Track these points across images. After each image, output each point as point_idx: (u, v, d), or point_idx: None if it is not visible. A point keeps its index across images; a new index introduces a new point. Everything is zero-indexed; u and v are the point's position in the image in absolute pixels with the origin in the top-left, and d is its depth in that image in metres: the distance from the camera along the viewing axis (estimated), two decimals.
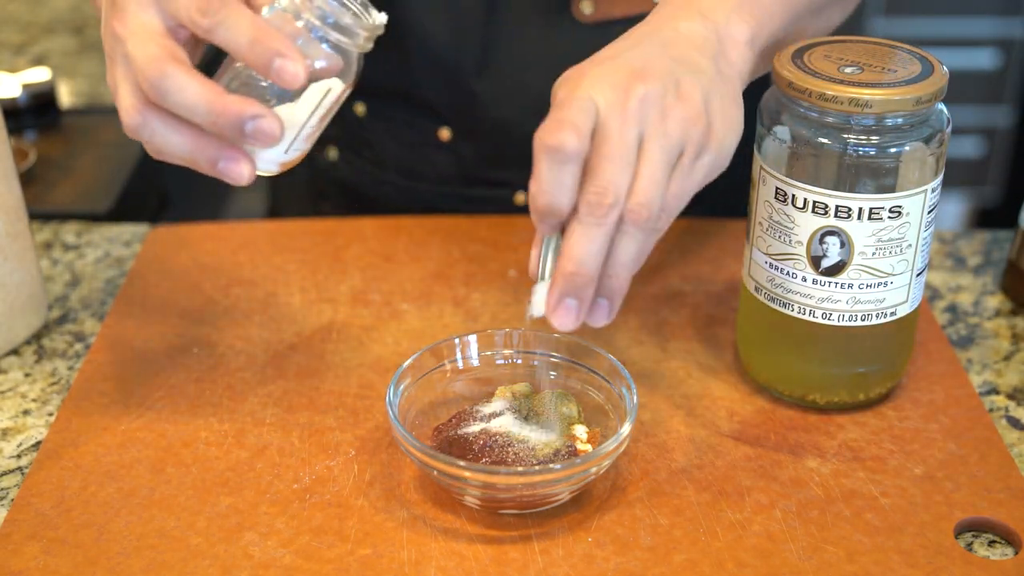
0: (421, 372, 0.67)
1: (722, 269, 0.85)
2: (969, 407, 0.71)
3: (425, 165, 0.95)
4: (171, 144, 0.60)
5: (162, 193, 1.24)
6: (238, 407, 0.71)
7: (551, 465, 0.60)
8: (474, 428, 0.64)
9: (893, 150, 0.62)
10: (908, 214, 0.64)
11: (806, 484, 0.65)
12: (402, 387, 0.66)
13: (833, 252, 0.65)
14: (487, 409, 0.66)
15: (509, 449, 0.63)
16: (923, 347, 0.76)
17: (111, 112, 1.23)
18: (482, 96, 0.89)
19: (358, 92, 0.96)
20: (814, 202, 0.64)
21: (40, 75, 1.25)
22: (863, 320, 0.66)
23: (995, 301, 0.83)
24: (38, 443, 0.69)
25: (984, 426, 0.69)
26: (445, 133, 0.93)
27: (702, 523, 0.62)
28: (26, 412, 0.72)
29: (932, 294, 0.84)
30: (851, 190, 0.63)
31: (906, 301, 0.67)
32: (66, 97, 1.33)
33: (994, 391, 0.74)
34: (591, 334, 0.78)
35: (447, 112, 0.92)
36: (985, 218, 2.52)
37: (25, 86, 1.23)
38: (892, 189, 0.63)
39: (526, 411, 0.66)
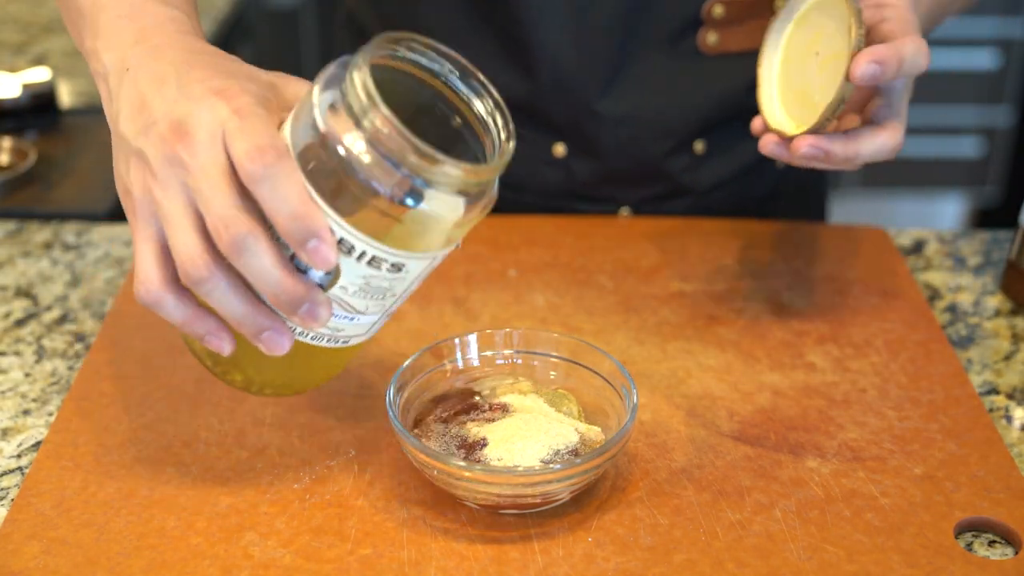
0: (421, 372, 0.67)
1: (722, 269, 0.85)
2: (969, 407, 0.71)
3: (534, 179, 0.95)
4: (228, 304, 0.55)
5: None
6: (238, 407, 0.71)
7: (551, 465, 0.60)
8: (474, 428, 0.64)
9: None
10: (409, 272, 0.58)
11: (806, 484, 0.65)
12: (402, 387, 0.66)
13: (316, 273, 0.56)
14: (487, 408, 0.66)
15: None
16: (923, 347, 0.76)
17: None
18: (604, 116, 0.90)
19: None
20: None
21: (40, 75, 1.25)
22: (314, 340, 0.59)
23: (995, 301, 0.83)
24: (38, 443, 0.69)
25: (984, 426, 0.69)
26: (560, 149, 0.93)
27: (702, 523, 0.62)
28: (26, 412, 0.72)
29: (932, 294, 0.84)
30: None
31: (365, 334, 0.61)
32: (66, 97, 1.33)
33: (994, 391, 0.74)
34: (591, 334, 0.78)
35: (566, 129, 0.92)
36: (985, 218, 2.52)
37: (25, 86, 1.23)
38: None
39: (526, 411, 0.66)
